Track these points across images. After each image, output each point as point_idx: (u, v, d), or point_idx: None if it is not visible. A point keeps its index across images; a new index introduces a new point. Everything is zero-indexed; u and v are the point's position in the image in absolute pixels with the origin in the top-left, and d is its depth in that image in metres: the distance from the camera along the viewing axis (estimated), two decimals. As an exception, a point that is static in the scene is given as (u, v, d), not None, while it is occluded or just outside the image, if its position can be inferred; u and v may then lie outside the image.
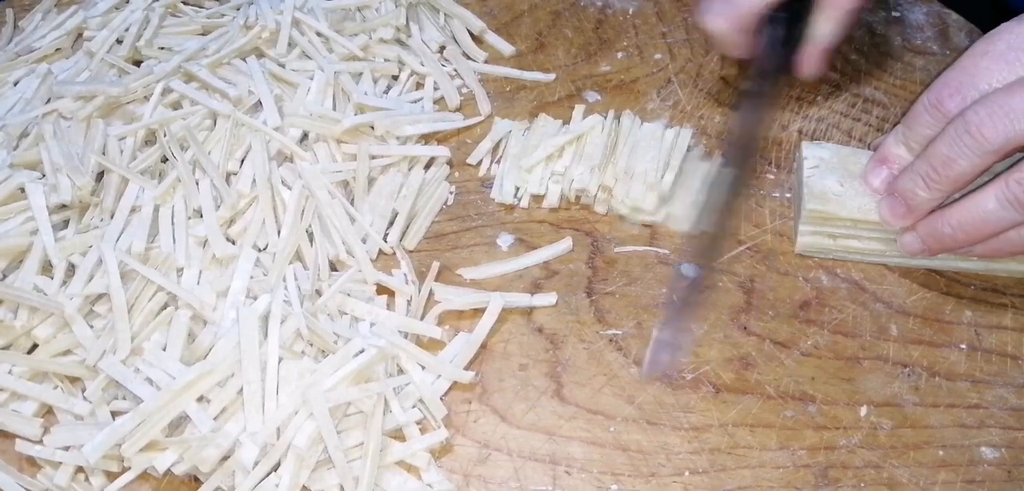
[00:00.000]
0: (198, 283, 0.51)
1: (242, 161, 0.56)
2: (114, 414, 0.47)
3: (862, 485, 0.46)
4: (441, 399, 0.48)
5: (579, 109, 0.60)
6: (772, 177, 0.58)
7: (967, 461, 0.47)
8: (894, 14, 0.67)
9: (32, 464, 0.46)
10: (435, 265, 0.54)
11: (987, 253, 0.50)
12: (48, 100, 0.60)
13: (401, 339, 0.48)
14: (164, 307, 0.50)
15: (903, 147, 0.51)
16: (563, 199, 0.56)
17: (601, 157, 0.56)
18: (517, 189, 0.57)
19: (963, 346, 0.51)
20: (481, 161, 0.59)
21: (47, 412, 0.48)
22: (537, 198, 0.57)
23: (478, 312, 0.51)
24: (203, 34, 0.64)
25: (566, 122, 0.59)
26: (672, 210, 0.55)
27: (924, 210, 0.49)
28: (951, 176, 0.47)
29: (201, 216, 0.54)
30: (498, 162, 0.58)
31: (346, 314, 0.51)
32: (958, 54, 0.64)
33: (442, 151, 0.58)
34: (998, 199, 0.47)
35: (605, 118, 0.58)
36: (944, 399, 0.49)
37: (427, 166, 0.58)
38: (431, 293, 0.52)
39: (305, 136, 0.58)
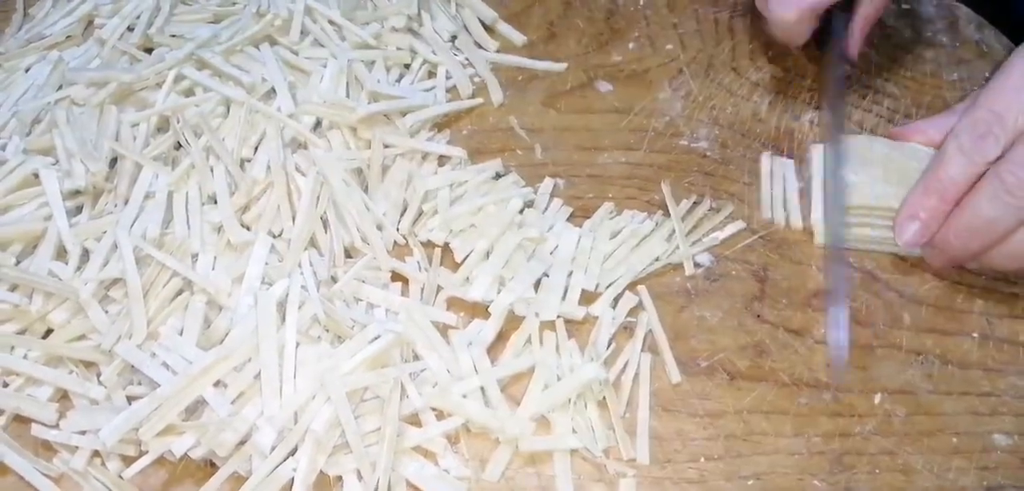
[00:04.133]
0: (213, 269, 0.51)
1: (256, 148, 0.56)
2: (129, 399, 0.47)
3: (877, 472, 0.46)
4: (457, 385, 0.48)
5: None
6: (784, 167, 0.58)
7: (981, 448, 0.47)
8: (904, 7, 0.67)
9: (48, 448, 0.46)
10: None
11: (1007, 266, 0.48)
12: (60, 87, 0.59)
13: (426, 323, 0.48)
14: (179, 292, 0.50)
15: (934, 197, 0.49)
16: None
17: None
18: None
19: (975, 335, 0.51)
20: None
21: (62, 397, 0.48)
22: None
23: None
24: (215, 22, 0.64)
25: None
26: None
27: (967, 260, 0.49)
28: (996, 233, 0.47)
29: (215, 202, 0.54)
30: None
31: (361, 300, 0.51)
32: (965, 45, 0.65)
33: (458, 151, 0.58)
34: (990, 197, 0.46)
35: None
36: (957, 387, 0.49)
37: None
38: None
39: (319, 123, 0.58)
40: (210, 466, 0.45)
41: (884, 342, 0.50)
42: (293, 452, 0.44)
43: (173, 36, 0.63)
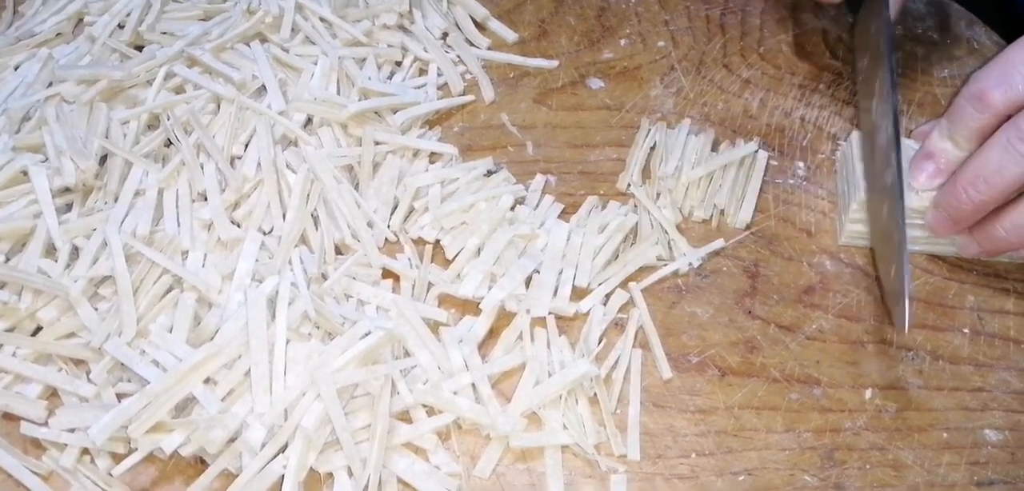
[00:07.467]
0: (203, 266, 0.51)
1: (246, 145, 0.56)
2: (119, 396, 0.47)
3: (867, 467, 0.46)
4: (448, 382, 0.48)
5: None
6: (776, 163, 0.58)
7: (971, 443, 0.47)
8: (895, 3, 0.67)
9: (37, 446, 0.46)
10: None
11: (1012, 240, 0.49)
12: (49, 84, 0.59)
13: (417, 319, 0.48)
14: (169, 290, 0.50)
15: (948, 141, 0.50)
16: None
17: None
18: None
19: (966, 330, 0.51)
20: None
21: (51, 395, 0.48)
22: None
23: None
24: (205, 19, 0.64)
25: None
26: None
27: (973, 219, 0.49)
28: (1002, 184, 0.47)
29: (206, 200, 0.53)
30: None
31: (352, 297, 0.51)
32: (956, 42, 0.65)
33: (449, 148, 0.58)
34: (1002, 145, 0.47)
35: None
36: (948, 382, 0.49)
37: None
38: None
39: (309, 120, 0.58)
40: (200, 463, 0.45)
41: (874, 338, 0.51)
42: (283, 449, 0.44)
43: (163, 33, 0.62)
